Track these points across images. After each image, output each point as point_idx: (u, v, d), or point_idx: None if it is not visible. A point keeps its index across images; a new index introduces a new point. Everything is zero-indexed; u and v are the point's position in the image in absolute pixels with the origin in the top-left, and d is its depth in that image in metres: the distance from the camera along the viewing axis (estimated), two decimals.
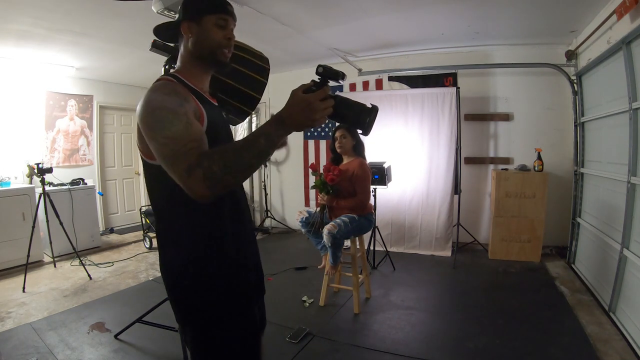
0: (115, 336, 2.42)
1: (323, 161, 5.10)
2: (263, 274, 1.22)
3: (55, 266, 3.90)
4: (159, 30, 1.13)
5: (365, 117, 0.95)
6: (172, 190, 0.91)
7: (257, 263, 1.19)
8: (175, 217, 1.01)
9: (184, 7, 1.05)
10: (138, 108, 0.94)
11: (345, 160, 2.87)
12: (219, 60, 1.06)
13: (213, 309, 1.01)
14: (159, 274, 3.69)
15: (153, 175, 1.00)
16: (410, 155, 4.26)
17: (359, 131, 0.99)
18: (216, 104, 1.14)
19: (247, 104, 1.45)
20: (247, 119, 2.91)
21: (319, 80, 0.93)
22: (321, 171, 2.84)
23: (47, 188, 3.71)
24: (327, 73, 0.92)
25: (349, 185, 2.72)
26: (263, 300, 1.25)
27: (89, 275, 3.56)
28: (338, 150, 2.85)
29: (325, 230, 2.57)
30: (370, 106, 0.97)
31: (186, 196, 0.87)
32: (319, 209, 2.82)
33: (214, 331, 1.01)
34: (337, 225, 2.56)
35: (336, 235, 2.55)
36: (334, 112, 0.92)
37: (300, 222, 2.83)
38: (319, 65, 0.93)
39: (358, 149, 2.86)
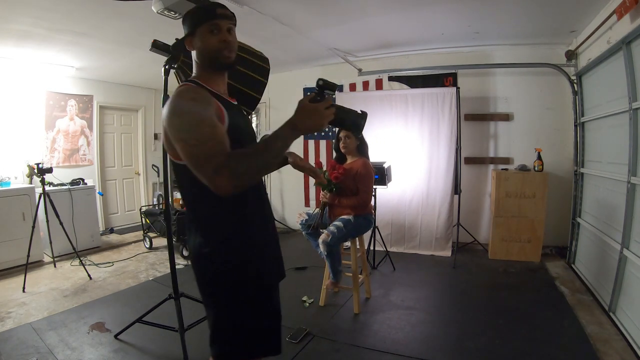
0: (115, 336, 2.42)
1: (323, 161, 5.10)
2: (282, 260, 1.33)
3: (55, 266, 3.89)
4: (177, 46, 1.26)
5: (360, 121, 1.12)
6: (202, 186, 0.99)
7: (278, 249, 1.31)
8: (206, 208, 1.12)
9: (183, 24, 1.17)
10: (164, 112, 1.03)
11: (349, 160, 2.88)
12: (221, 62, 1.14)
13: (240, 290, 1.13)
14: (159, 274, 3.70)
15: (184, 174, 1.08)
16: (410, 155, 4.26)
17: (351, 132, 1.15)
18: (235, 103, 1.23)
19: (248, 104, 1.46)
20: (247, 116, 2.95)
21: (317, 91, 1.08)
22: (325, 169, 2.86)
23: (47, 188, 3.71)
24: (325, 85, 1.08)
25: (352, 184, 2.74)
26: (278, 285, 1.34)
27: (89, 275, 3.56)
28: (342, 150, 2.87)
29: (320, 241, 2.60)
30: (360, 112, 1.14)
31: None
32: (319, 207, 2.84)
33: (239, 310, 1.14)
34: (330, 233, 2.59)
35: (330, 243, 2.57)
36: (334, 118, 1.07)
37: (300, 224, 2.85)
38: (319, 79, 1.08)
39: (362, 149, 2.88)
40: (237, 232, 1.13)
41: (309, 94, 1.06)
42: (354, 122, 1.13)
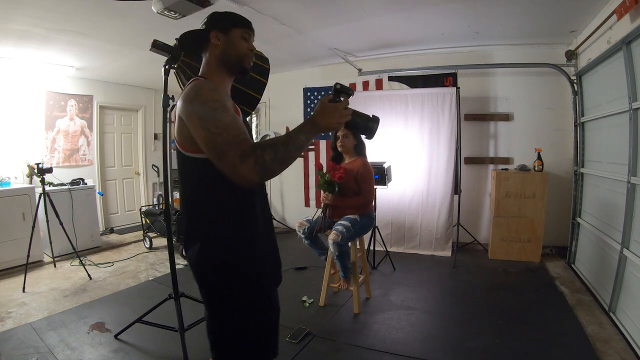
0: (115, 336, 2.42)
1: (323, 162, 5.10)
2: (281, 264, 1.33)
3: (55, 266, 3.89)
4: (185, 37, 1.28)
5: (373, 125, 1.18)
6: (211, 184, 1.03)
7: (278, 253, 1.31)
8: (212, 209, 1.10)
9: (214, 19, 1.19)
10: (184, 101, 1.03)
11: (347, 160, 2.87)
12: (244, 67, 1.20)
13: (244, 296, 1.12)
14: (159, 274, 3.70)
15: (193, 169, 1.09)
16: (410, 155, 4.26)
17: (364, 136, 1.22)
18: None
19: (248, 104, 1.46)
20: (247, 119, 2.92)
21: (333, 93, 1.13)
22: (326, 171, 2.84)
23: (47, 188, 3.70)
24: (343, 89, 1.14)
25: (353, 184, 2.74)
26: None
27: (89, 275, 3.56)
28: (339, 149, 2.86)
29: (329, 242, 2.59)
30: (371, 116, 1.19)
31: (227, 186, 1.00)
32: (321, 209, 2.83)
33: (243, 316, 1.13)
34: (339, 233, 2.57)
35: (341, 243, 2.57)
36: (349, 120, 1.13)
37: (302, 234, 2.83)
38: (337, 83, 1.15)
39: (359, 149, 2.87)
40: (243, 236, 1.12)
41: (330, 93, 1.13)
42: (367, 125, 1.17)
